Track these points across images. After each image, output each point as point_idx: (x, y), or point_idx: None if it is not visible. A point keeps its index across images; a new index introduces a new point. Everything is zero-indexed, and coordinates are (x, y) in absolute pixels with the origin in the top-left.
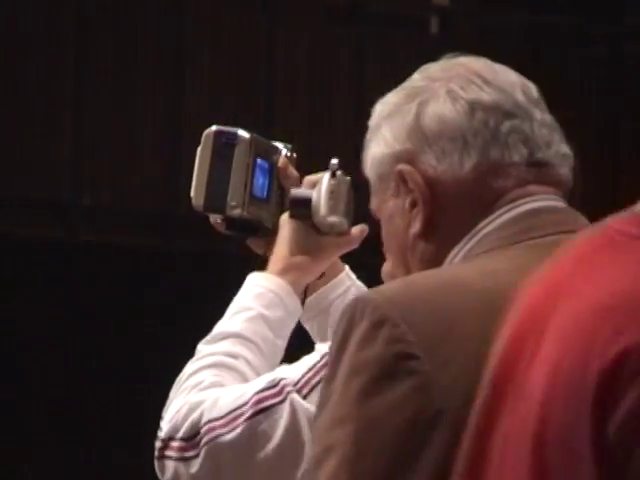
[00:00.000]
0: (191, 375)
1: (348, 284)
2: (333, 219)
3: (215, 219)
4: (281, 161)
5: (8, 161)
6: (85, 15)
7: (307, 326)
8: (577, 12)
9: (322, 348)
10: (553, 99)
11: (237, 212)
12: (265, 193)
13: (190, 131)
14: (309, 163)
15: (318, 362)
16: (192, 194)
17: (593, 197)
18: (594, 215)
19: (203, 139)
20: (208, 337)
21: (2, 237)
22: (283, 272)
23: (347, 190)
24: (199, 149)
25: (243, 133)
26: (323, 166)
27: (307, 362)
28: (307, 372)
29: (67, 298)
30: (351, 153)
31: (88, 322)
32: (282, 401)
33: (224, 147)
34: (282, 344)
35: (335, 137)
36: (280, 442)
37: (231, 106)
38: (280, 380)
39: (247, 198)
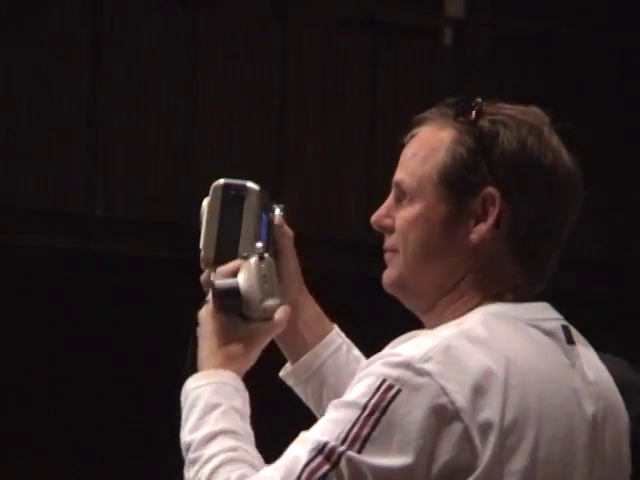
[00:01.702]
0: (210, 478)
1: (339, 342)
2: (270, 302)
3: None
4: (278, 219)
5: (23, 173)
6: (100, 29)
7: (298, 390)
8: (590, 22)
9: (356, 400)
10: (566, 109)
11: None
12: (267, 247)
13: (204, 143)
14: (321, 172)
15: (361, 414)
16: (201, 247)
17: (607, 207)
18: (606, 228)
19: (211, 191)
20: (195, 444)
21: (17, 247)
22: (225, 364)
23: (274, 269)
24: (207, 201)
25: (252, 185)
26: (336, 172)
27: (343, 418)
28: (352, 427)
29: (81, 308)
30: (363, 159)
31: (102, 332)
32: (335, 465)
33: (233, 199)
34: (250, 429)
35: (348, 146)
36: None
37: (245, 119)
38: (325, 444)
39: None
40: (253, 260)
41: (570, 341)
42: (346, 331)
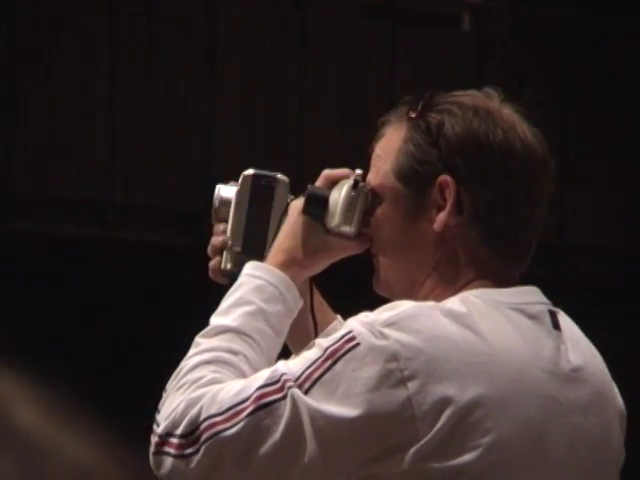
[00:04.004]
0: (190, 370)
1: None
2: (345, 229)
3: (225, 264)
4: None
5: (43, 160)
6: (118, 15)
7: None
8: (609, 9)
9: (323, 342)
10: (585, 96)
11: None
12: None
13: (221, 130)
14: (341, 162)
15: (320, 357)
16: (229, 236)
17: (631, 198)
18: (623, 213)
19: (241, 181)
20: (207, 330)
21: (37, 235)
22: (285, 266)
23: (365, 201)
24: (236, 191)
25: (282, 177)
26: (355, 164)
27: (308, 356)
28: (308, 367)
29: (100, 294)
30: None
31: (121, 318)
32: (284, 397)
33: (263, 189)
34: (280, 339)
35: (367, 134)
36: (281, 437)
37: (263, 106)
38: (281, 375)
39: None
40: (347, 186)
41: (556, 326)
42: None
